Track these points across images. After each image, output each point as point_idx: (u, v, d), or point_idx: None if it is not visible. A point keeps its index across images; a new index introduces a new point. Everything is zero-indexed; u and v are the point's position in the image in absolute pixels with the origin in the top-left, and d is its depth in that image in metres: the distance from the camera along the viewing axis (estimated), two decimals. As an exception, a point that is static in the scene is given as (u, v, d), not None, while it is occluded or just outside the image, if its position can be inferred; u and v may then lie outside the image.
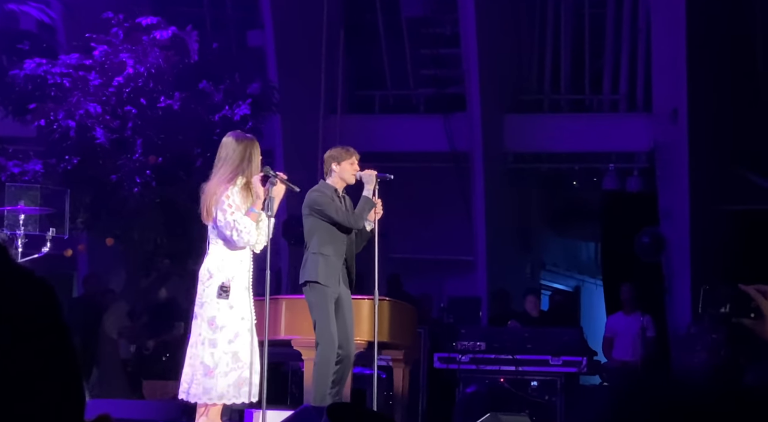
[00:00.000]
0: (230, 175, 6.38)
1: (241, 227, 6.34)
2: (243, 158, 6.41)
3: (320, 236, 6.93)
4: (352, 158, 7.06)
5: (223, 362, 6.34)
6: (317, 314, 6.86)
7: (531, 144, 13.22)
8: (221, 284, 6.35)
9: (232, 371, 6.36)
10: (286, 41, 13.05)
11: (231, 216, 6.33)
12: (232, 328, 6.37)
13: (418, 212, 13.19)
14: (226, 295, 6.33)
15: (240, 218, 6.35)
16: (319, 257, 6.88)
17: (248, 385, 6.39)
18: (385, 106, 13.96)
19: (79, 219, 10.64)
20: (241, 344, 6.38)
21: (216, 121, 10.67)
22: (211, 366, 6.36)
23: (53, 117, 10.51)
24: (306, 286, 6.93)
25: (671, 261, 12.15)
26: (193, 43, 10.82)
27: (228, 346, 6.36)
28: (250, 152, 6.45)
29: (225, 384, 6.34)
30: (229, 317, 6.37)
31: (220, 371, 6.35)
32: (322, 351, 6.81)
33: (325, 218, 6.93)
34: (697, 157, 12.13)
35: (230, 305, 6.37)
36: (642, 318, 10.70)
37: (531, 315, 11.37)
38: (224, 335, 6.36)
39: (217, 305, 6.37)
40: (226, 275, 6.39)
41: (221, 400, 6.39)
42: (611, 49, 13.34)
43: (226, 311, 6.36)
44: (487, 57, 12.80)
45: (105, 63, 10.71)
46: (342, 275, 6.97)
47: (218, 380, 6.35)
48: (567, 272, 15.77)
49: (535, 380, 9.93)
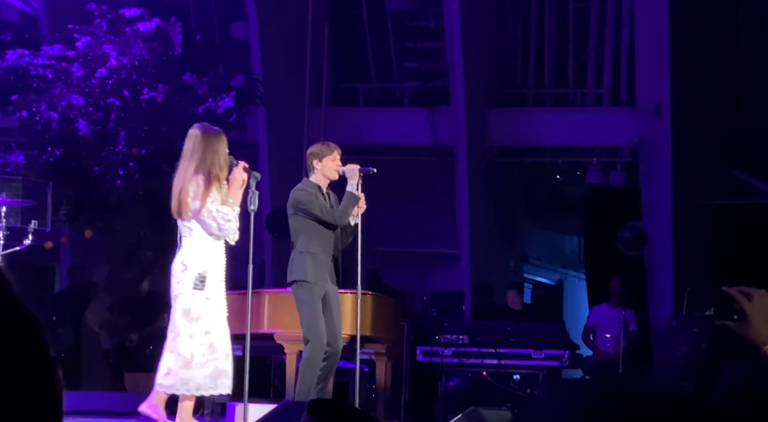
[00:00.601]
0: (200, 167, 6.38)
1: (220, 217, 6.36)
2: (210, 150, 6.42)
3: (306, 235, 6.93)
4: (333, 154, 7.05)
5: (199, 353, 6.34)
6: (305, 313, 6.87)
7: (515, 138, 13.24)
8: (198, 274, 6.36)
9: (208, 362, 6.36)
10: (271, 33, 13.02)
11: (212, 205, 6.35)
12: (208, 319, 6.38)
13: (402, 206, 13.20)
14: (203, 286, 6.34)
15: (219, 207, 6.37)
16: (306, 255, 6.89)
17: (226, 376, 6.40)
18: (369, 99, 13.94)
19: (62, 211, 10.60)
20: (217, 335, 6.39)
21: (200, 113, 10.63)
22: (188, 357, 6.35)
23: (36, 108, 10.46)
24: (294, 284, 6.94)
25: (653, 255, 12.20)
26: (176, 35, 10.78)
27: (204, 337, 6.36)
28: (216, 144, 6.45)
29: (202, 376, 6.35)
30: (205, 308, 6.37)
31: (197, 362, 6.35)
32: (311, 348, 6.82)
33: (310, 217, 6.93)
34: (680, 151, 12.17)
35: (206, 297, 6.38)
36: (624, 311, 10.74)
37: (513, 309, 11.41)
38: (200, 326, 6.36)
39: (193, 296, 6.37)
40: (202, 266, 6.39)
41: (199, 391, 6.40)
42: (595, 43, 13.36)
43: (201, 303, 6.37)
44: (471, 51, 12.80)
45: (88, 54, 10.66)
46: (329, 272, 6.98)
47: (195, 371, 6.35)
48: (550, 265, 15.82)
49: (517, 373, 9.96)
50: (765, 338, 2.30)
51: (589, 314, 11.43)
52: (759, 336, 2.30)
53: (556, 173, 14.07)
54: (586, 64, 13.41)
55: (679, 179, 12.14)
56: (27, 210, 8.50)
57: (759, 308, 2.33)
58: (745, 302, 2.34)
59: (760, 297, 2.34)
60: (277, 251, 12.28)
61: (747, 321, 2.33)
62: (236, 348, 8.17)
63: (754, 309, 2.33)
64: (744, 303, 2.34)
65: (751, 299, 2.34)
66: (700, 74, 12.36)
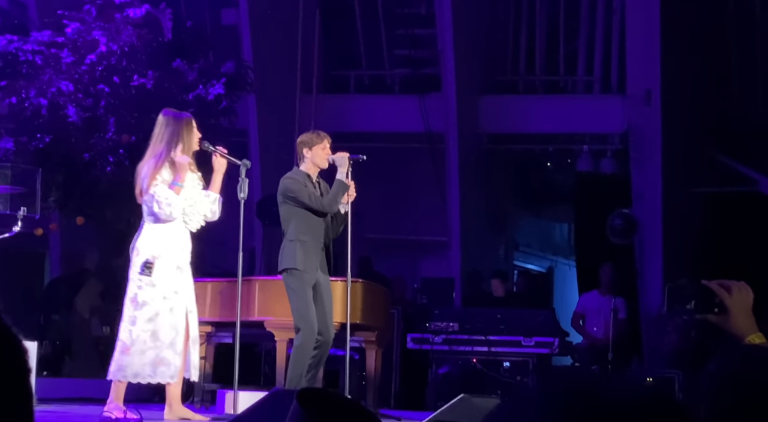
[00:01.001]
0: (159, 152, 6.37)
1: (161, 199, 6.29)
2: (173, 135, 6.40)
3: (296, 223, 6.93)
4: (323, 143, 7.06)
5: (140, 340, 6.26)
6: (296, 301, 6.87)
7: (505, 125, 13.23)
8: (145, 260, 6.30)
9: (149, 349, 6.26)
10: (261, 20, 12.98)
11: (153, 188, 6.31)
12: (153, 306, 6.28)
13: (393, 193, 13.20)
14: (149, 272, 6.27)
15: (161, 190, 6.31)
16: (296, 243, 6.89)
17: (166, 365, 6.27)
18: (360, 86, 13.92)
19: (51, 198, 10.57)
20: (162, 323, 6.28)
21: (190, 100, 10.60)
22: (128, 343, 6.28)
23: (25, 95, 10.42)
24: (285, 273, 6.94)
25: (643, 243, 12.22)
26: (166, 21, 10.73)
27: (147, 324, 6.27)
28: (180, 130, 6.43)
29: (140, 363, 6.25)
30: (150, 294, 6.29)
31: (136, 349, 6.26)
32: (302, 336, 6.82)
33: (299, 205, 6.93)
34: (670, 139, 12.18)
35: (153, 283, 6.30)
36: (614, 299, 10.77)
37: (495, 295, 11.46)
38: (144, 313, 6.27)
39: (140, 281, 6.30)
40: (152, 252, 6.32)
41: (136, 379, 6.30)
42: (586, 30, 13.35)
43: (148, 289, 6.28)
44: (462, 38, 12.78)
45: (78, 41, 10.61)
46: (320, 261, 6.98)
47: (134, 357, 6.26)
48: (540, 252, 15.84)
49: (507, 361, 9.98)
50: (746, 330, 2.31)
51: (578, 301, 11.46)
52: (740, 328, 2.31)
53: (547, 161, 14.08)
54: (577, 51, 13.41)
55: (669, 166, 12.15)
56: (16, 197, 8.46)
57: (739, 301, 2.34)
58: (725, 296, 2.35)
59: (739, 290, 2.35)
60: (267, 239, 12.27)
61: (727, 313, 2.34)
62: (226, 335, 8.19)
63: (734, 302, 2.34)
64: (724, 296, 2.35)
65: (730, 293, 2.35)
66: (690, 62, 12.37)
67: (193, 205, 6.50)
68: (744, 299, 2.35)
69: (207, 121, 10.84)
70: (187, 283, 6.48)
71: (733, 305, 2.33)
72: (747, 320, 2.32)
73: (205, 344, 8.30)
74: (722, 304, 2.34)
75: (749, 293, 2.37)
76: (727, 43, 12.69)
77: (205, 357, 8.30)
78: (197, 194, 6.55)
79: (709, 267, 11.26)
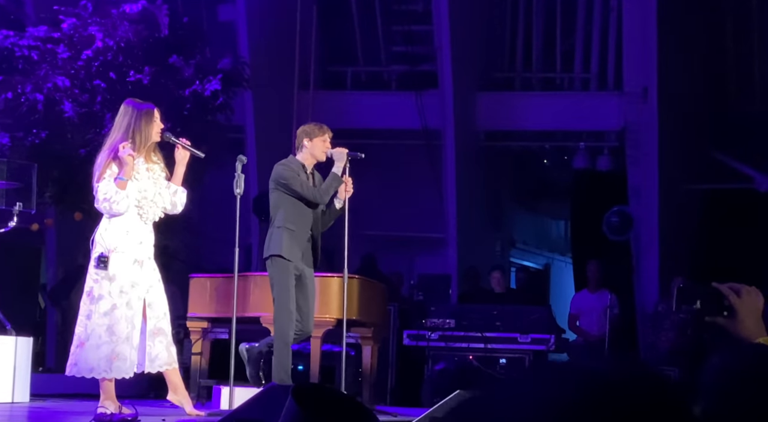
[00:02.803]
0: (114, 143, 6.27)
1: (100, 196, 6.20)
2: (129, 126, 6.28)
3: (286, 211, 6.91)
4: (324, 136, 7.05)
5: (95, 334, 6.15)
6: (277, 290, 6.85)
7: (502, 122, 13.23)
8: (99, 254, 6.22)
9: (104, 344, 6.15)
10: (258, 16, 12.96)
11: (97, 183, 6.24)
12: (109, 300, 6.18)
13: (389, 189, 13.19)
14: (104, 266, 6.18)
15: (104, 185, 6.21)
16: (283, 231, 6.87)
17: (122, 360, 6.17)
18: (357, 82, 13.91)
19: (47, 194, 10.56)
20: (117, 317, 6.17)
21: (186, 96, 10.60)
22: (83, 337, 6.18)
23: (21, 90, 10.40)
24: (269, 260, 6.92)
25: (639, 240, 12.23)
26: (163, 17, 10.72)
27: (102, 319, 6.16)
28: (137, 120, 6.30)
29: (96, 358, 6.14)
30: (106, 289, 6.18)
31: (91, 343, 6.15)
32: (279, 328, 6.80)
33: (291, 193, 6.91)
34: (666, 136, 12.19)
35: (109, 277, 6.20)
36: (609, 296, 10.78)
37: (498, 292, 11.44)
38: (100, 307, 6.17)
39: (96, 275, 6.21)
40: (107, 245, 6.23)
41: (91, 374, 6.20)
42: (582, 27, 13.35)
43: (104, 283, 6.18)
44: (459, 35, 12.78)
45: (74, 36, 10.60)
46: (306, 252, 6.95)
47: (89, 352, 6.15)
48: (537, 249, 15.85)
49: (503, 357, 9.99)
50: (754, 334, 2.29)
51: (571, 302, 11.47)
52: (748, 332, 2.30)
53: (544, 158, 14.09)
54: (574, 48, 13.41)
55: (665, 163, 12.16)
56: (12, 192, 8.45)
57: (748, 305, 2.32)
58: (735, 299, 2.33)
59: (748, 294, 2.34)
60: (263, 235, 12.25)
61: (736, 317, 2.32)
62: (222, 331, 8.18)
63: (743, 306, 2.33)
64: (733, 299, 2.33)
65: (740, 296, 2.34)
66: (687, 59, 12.38)
67: (147, 197, 6.33)
68: (753, 302, 2.33)
69: (203, 117, 10.84)
70: (148, 276, 6.34)
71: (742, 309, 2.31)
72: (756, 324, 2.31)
73: (201, 339, 8.30)
74: (731, 307, 2.33)
75: (759, 297, 2.35)
76: (723, 40, 12.70)
77: (201, 353, 8.29)
78: (159, 186, 6.40)
79: (705, 264, 11.28)
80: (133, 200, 6.30)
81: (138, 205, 6.35)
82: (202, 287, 8.15)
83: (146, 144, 6.32)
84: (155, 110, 6.41)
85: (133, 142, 6.27)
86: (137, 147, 6.28)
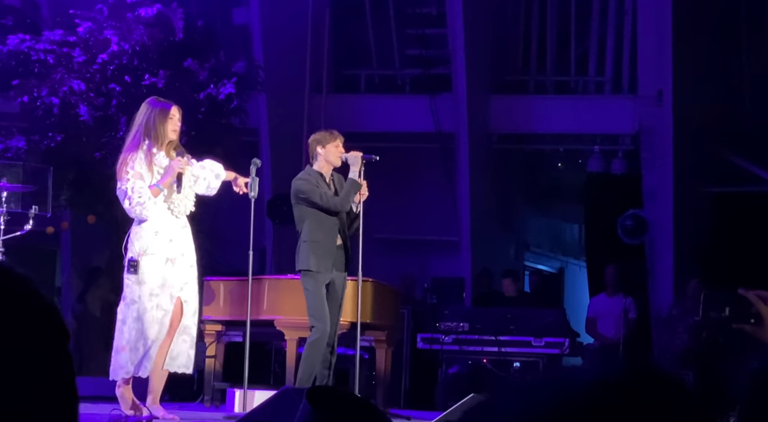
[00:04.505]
0: (133, 141, 6.21)
1: (134, 197, 6.12)
2: (147, 123, 6.21)
3: (310, 223, 6.95)
4: (336, 141, 7.08)
5: (131, 339, 6.19)
6: (311, 300, 6.91)
7: (516, 125, 13.22)
8: (130, 258, 6.21)
9: (139, 348, 6.18)
10: (272, 19, 12.99)
11: (128, 184, 6.16)
12: (140, 304, 6.19)
13: (403, 193, 13.19)
14: (134, 270, 6.17)
15: (139, 187, 6.15)
16: (310, 244, 6.90)
17: (148, 360, 6.20)
18: (370, 85, 13.92)
19: (62, 197, 10.61)
20: (149, 321, 6.18)
21: (201, 99, 10.63)
22: (122, 343, 6.22)
23: (36, 94, 10.45)
24: (300, 273, 6.97)
25: (654, 243, 12.20)
26: (178, 20, 10.76)
27: (135, 323, 6.19)
28: (155, 117, 6.23)
29: (131, 362, 6.19)
30: (137, 293, 6.19)
31: (128, 347, 6.20)
32: (316, 332, 6.84)
33: (312, 205, 6.95)
34: (681, 139, 12.15)
35: (139, 281, 6.19)
36: (624, 299, 10.76)
37: (510, 296, 11.44)
38: (132, 311, 6.19)
39: (128, 280, 6.22)
40: (138, 249, 6.20)
41: (128, 375, 6.23)
42: (597, 31, 13.33)
43: (134, 287, 6.18)
44: (473, 38, 12.77)
45: (89, 40, 10.65)
46: (336, 259, 6.97)
47: (127, 356, 6.20)
48: (551, 253, 15.82)
49: (517, 361, 9.97)
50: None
51: (589, 306, 11.45)
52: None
53: (557, 161, 14.06)
54: (588, 51, 13.39)
55: (680, 166, 12.13)
56: (28, 195, 8.49)
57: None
58: (762, 306, 2.33)
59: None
60: (278, 238, 12.29)
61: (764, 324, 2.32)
62: (237, 334, 8.20)
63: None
64: (761, 307, 2.33)
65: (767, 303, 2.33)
66: (702, 62, 12.34)
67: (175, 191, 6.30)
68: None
69: (218, 120, 10.87)
70: (183, 274, 6.30)
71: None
72: None
73: (215, 342, 8.32)
74: (759, 315, 2.32)
75: None
76: (738, 42, 12.66)
77: (215, 356, 8.31)
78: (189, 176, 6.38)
79: (720, 267, 11.24)
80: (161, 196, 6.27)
81: (169, 200, 6.30)
82: (217, 290, 8.17)
83: (163, 141, 6.26)
84: (172, 108, 6.35)
85: (149, 139, 6.23)
86: (155, 144, 6.24)
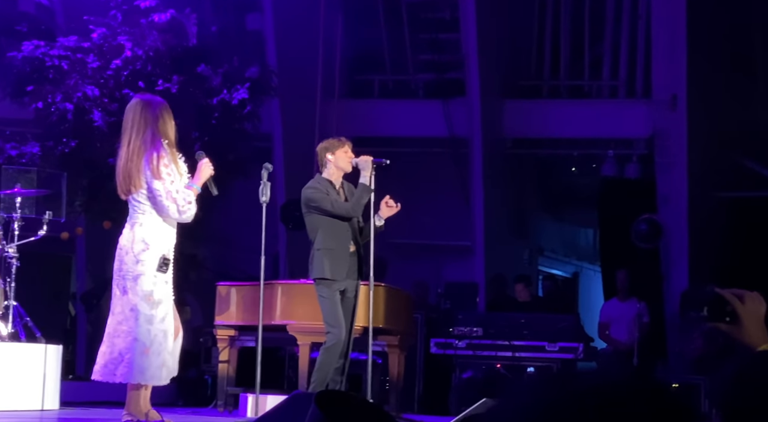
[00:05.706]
0: (149, 137, 5.94)
1: (181, 199, 5.91)
2: (156, 118, 5.99)
3: (323, 232, 6.94)
4: (345, 147, 7.07)
5: (157, 340, 5.90)
6: (326, 307, 6.91)
7: (530, 130, 13.20)
8: (162, 256, 5.93)
9: (163, 351, 5.92)
10: (285, 25, 13.01)
11: (171, 185, 5.91)
12: (166, 305, 5.96)
13: (416, 198, 13.17)
14: (166, 268, 5.94)
15: (182, 189, 5.94)
16: (323, 252, 6.90)
17: (167, 366, 5.96)
18: (384, 90, 13.93)
19: (77, 202, 10.65)
20: (169, 322, 5.97)
21: (214, 105, 10.66)
22: (147, 343, 5.88)
23: (51, 99, 10.50)
24: (315, 281, 6.97)
25: (669, 248, 12.15)
26: (191, 26, 10.79)
27: (161, 324, 5.93)
28: (161, 112, 6.03)
29: (156, 365, 5.90)
30: (164, 292, 5.95)
31: (154, 350, 5.89)
32: (331, 337, 6.84)
33: (323, 213, 6.95)
34: (695, 143, 12.11)
35: (166, 280, 5.97)
36: (638, 304, 10.72)
37: (524, 301, 11.42)
38: (159, 311, 5.92)
39: (155, 278, 5.91)
40: (164, 248, 5.96)
41: (152, 380, 5.93)
42: (611, 35, 13.30)
43: (162, 286, 5.93)
44: (486, 42, 12.77)
45: (103, 46, 10.69)
46: (350, 266, 6.95)
47: (152, 358, 5.89)
48: (565, 258, 15.78)
49: (531, 366, 9.95)
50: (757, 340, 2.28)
51: (601, 311, 11.41)
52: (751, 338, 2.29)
53: (571, 166, 14.03)
54: (602, 56, 13.36)
55: (694, 171, 12.09)
56: (42, 201, 8.53)
57: (751, 311, 2.31)
58: (738, 305, 2.32)
59: (752, 300, 2.32)
60: (291, 243, 12.29)
61: (739, 323, 2.31)
62: (249, 339, 8.21)
63: (746, 312, 2.31)
64: (736, 305, 2.32)
65: (743, 302, 2.33)
66: (716, 67, 12.30)
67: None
68: (756, 309, 2.32)
69: (231, 125, 10.90)
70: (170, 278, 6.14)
71: (745, 315, 2.30)
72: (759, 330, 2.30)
73: (228, 347, 8.33)
74: (734, 313, 2.31)
75: (762, 303, 2.34)
76: (752, 47, 12.61)
77: (228, 361, 8.32)
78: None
79: (735, 272, 11.18)
80: None
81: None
82: (229, 295, 8.18)
83: (174, 140, 6.08)
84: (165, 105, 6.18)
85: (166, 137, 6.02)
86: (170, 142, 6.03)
